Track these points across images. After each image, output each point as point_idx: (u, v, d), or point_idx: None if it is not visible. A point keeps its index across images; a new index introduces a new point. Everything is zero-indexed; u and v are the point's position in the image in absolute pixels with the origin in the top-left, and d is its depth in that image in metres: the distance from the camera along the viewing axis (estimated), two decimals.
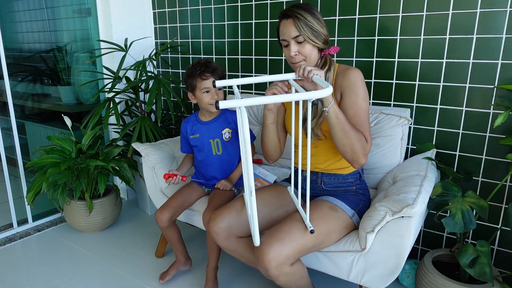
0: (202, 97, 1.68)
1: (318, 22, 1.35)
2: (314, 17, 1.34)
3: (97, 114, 2.24)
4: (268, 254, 1.25)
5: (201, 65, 1.66)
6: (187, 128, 1.81)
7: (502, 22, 1.57)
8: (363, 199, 1.50)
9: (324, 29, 1.37)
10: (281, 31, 1.39)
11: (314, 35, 1.34)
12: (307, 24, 1.32)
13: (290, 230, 1.30)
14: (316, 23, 1.34)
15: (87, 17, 2.65)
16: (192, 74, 1.66)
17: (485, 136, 1.69)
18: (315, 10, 1.37)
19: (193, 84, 1.67)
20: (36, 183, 2.07)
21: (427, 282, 1.54)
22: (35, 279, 1.89)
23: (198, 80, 1.66)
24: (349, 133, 1.29)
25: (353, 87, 1.36)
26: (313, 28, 1.33)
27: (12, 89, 2.21)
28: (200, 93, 1.67)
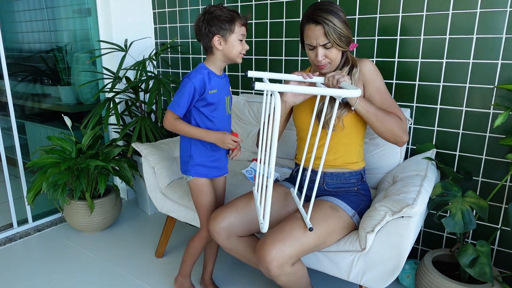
0: (236, 44, 1.45)
1: (344, 25, 1.35)
2: (340, 20, 1.33)
3: (97, 114, 2.24)
4: (270, 254, 1.25)
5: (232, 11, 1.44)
6: (206, 81, 1.46)
7: (502, 22, 1.57)
8: (364, 199, 1.50)
9: (349, 30, 1.37)
10: (306, 35, 1.37)
11: (341, 40, 1.35)
12: (335, 30, 1.32)
13: (292, 230, 1.30)
14: (343, 28, 1.34)
15: (87, 17, 2.65)
16: (229, 18, 1.42)
17: (485, 136, 1.69)
18: (340, 10, 1.36)
19: (231, 28, 1.42)
20: (36, 183, 2.07)
21: (427, 282, 1.54)
22: (35, 279, 1.89)
23: (238, 25, 1.43)
24: (383, 119, 1.36)
25: (372, 75, 1.42)
26: (341, 34, 1.33)
27: (12, 89, 2.21)
28: (235, 39, 1.44)
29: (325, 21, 1.31)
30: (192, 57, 2.60)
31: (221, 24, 1.41)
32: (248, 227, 1.47)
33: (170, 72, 2.75)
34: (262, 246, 1.28)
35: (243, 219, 1.46)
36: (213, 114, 1.50)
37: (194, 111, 1.49)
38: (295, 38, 2.12)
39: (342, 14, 1.35)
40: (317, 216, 1.35)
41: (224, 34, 1.42)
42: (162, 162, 1.93)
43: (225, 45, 1.44)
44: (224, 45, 1.44)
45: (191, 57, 2.60)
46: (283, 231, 1.31)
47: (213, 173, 1.58)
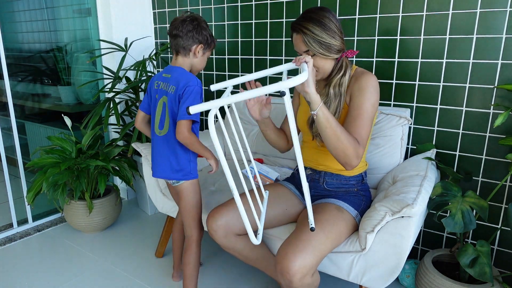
0: (205, 60, 1.56)
1: (328, 34, 1.30)
2: (324, 29, 1.29)
3: (97, 114, 2.24)
4: (294, 266, 1.21)
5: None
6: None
7: (502, 22, 1.57)
8: (364, 200, 1.50)
9: (336, 39, 1.32)
10: (293, 43, 1.37)
11: (324, 49, 1.31)
12: (315, 39, 1.29)
13: (310, 238, 1.27)
14: (326, 36, 1.30)
15: (87, 17, 2.65)
16: (212, 37, 1.53)
17: (485, 136, 1.69)
18: (327, 19, 1.31)
19: (211, 44, 1.53)
20: (36, 183, 2.07)
21: (427, 282, 1.54)
22: (35, 279, 1.89)
23: (212, 45, 1.54)
24: (341, 136, 1.24)
25: (362, 91, 1.34)
26: (322, 42, 1.30)
27: (12, 89, 2.21)
28: (207, 55, 1.55)
29: (303, 30, 1.30)
30: None
31: (207, 38, 1.50)
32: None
33: None
34: (284, 258, 1.23)
35: (241, 217, 1.46)
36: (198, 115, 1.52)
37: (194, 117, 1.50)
38: None
39: (330, 22, 1.30)
40: (326, 220, 1.34)
41: (205, 47, 1.51)
42: None
43: (201, 57, 1.52)
44: (200, 56, 1.51)
45: None
46: (301, 240, 1.26)
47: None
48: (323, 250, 1.27)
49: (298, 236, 1.29)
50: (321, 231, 1.29)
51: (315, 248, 1.25)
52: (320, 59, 1.33)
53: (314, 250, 1.25)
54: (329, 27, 1.30)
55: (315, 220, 1.33)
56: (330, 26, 1.31)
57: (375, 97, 1.35)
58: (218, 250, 2.14)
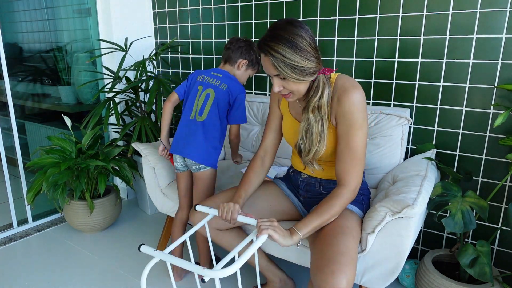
0: (246, 76, 1.77)
1: (301, 56, 1.14)
2: (296, 50, 1.13)
3: (97, 114, 2.24)
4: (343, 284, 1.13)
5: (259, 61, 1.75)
6: None
7: (502, 22, 1.57)
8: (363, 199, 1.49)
9: (310, 60, 1.16)
10: (261, 63, 1.24)
11: (298, 73, 1.16)
12: (286, 63, 1.14)
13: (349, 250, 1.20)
14: (299, 59, 1.14)
15: (87, 17, 2.65)
16: (255, 61, 1.75)
17: (485, 136, 1.69)
18: (298, 37, 1.14)
19: (254, 64, 1.75)
20: (36, 183, 2.07)
21: (427, 282, 1.54)
22: (35, 279, 1.89)
23: (257, 68, 1.77)
24: (329, 218, 1.26)
25: (346, 115, 1.23)
26: (295, 66, 1.15)
27: (12, 89, 2.21)
28: (249, 73, 1.77)
29: (272, 52, 1.14)
30: (192, 57, 2.60)
31: (253, 59, 1.74)
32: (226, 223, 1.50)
33: (170, 72, 2.75)
34: (331, 277, 1.13)
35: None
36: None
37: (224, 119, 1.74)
38: None
39: (301, 40, 1.14)
40: (349, 226, 1.30)
41: (249, 65, 1.74)
42: (162, 162, 1.93)
43: (244, 71, 1.74)
44: (243, 71, 1.74)
45: (191, 57, 2.60)
46: (342, 253, 1.18)
47: None
48: (356, 258, 1.23)
49: (338, 250, 1.19)
50: (352, 239, 1.25)
51: (354, 259, 1.20)
52: (293, 83, 1.20)
53: (354, 261, 1.19)
54: (302, 47, 1.14)
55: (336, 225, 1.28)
56: (303, 46, 1.14)
57: (361, 117, 1.24)
58: (219, 250, 2.13)
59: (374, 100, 1.94)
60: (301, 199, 1.55)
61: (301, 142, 1.33)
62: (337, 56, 1.99)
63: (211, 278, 1.51)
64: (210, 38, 2.47)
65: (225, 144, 2.28)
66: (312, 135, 1.29)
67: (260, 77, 2.31)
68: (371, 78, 1.92)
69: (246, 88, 2.39)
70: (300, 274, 1.90)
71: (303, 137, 1.31)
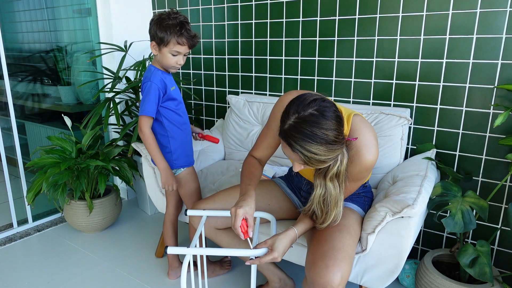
0: (168, 57, 1.51)
1: (331, 149, 1.05)
2: (327, 147, 1.04)
3: (97, 114, 2.24)
4: (337, 279, 1.14)
5: (181, 25, 1.47)
6: (164, 80, 1.56)
7: (502, 22, 1.57)
8: (366, 200, 1.49)
9: (339, 149, 1.07)
10: (284, 151, 1.12)
11: (326, 163, 1.09)
12: (316, 159, 1.06)
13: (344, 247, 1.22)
14: (329, 152, 1.05)
15: (87, 17, 2.65)
16: (167, 29, 1.46)
17: (485, 136, 1.69)
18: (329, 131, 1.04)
19: (164, 39, 1.47)
20: (36, 183, 2.07)
21: (427, 282, 1.54)
22: (35, 279, 1.89)
23: (173, 41, 1.47)
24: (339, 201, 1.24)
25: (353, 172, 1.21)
26: (325, 161, 1.07)
27: (12, 89, 2.21)
28: (167, 52, 1.50)
29: (303, 152, 1.05)
30: (192, 57, 2.60)
31: (158, 33, 1.48)
32: (226, 220, 1.50)
33: None
34: (325, 271, 1.15)
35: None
36: (179, 107, 1.64)
37: (163, 110, 1.60)
38: (295, 38, 2.12)
39: (332, 132, 1.04)
40: (348, 224, 1.30)
41: (159, 43, 1.49)
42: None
43: (159, 53, 1.52)
44: (158, 53, 1.53)
45: (191, 57, 2.60)
46: (338, 249, 1.20)
47: (192, 161, 1.75)
48: (352, 257, 1.24)
49: (333, 245, 1.21)
50: (349, 236, 1.26)
51: (350, 255, 1.21)
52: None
53: (349, 258, 1.20)
54: (333, 141, 1.05)
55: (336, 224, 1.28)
56: (334, 138, 1.05)
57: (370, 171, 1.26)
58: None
59: (374, 100, 1.94)
60: (302, 199, 1.55)
61: (318, 208, 1.24)
62: (337, 56, 1.99)
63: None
64: (210, 38, 2.47)
65: (225, 144, 2.28)
66: (331, 202, 1.21)
67: (260, 77, 2.31)
68: (371, 78, 1.92)
69: (246, 88, 2.39)
70: (299, 274, 1.90)
71: (320, 203, 1.23)
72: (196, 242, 1.21)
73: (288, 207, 1.56)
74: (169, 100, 1.60)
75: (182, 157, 1.68)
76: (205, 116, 2.64)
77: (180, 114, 1.65)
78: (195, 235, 1.23)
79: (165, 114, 1.61)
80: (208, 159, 2.18)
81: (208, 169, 2.09)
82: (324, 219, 1.24)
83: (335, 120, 1.05)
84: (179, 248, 1.16)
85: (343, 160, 1.14)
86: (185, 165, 1.70)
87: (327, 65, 2.04)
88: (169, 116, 1.62)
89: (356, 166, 1.19)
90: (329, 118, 1.04)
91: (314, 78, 2.10)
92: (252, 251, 1.14)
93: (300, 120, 1.04)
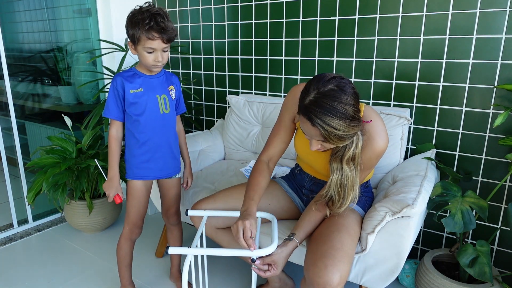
0: (144, 56, 1.37)
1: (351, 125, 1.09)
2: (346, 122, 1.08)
3: (97, 114, 2.24)
4: (336, 278, 1.14)
5: (151, 18, 1.31)
6: (124, 81, 1.43)
7: (502, 22, 1.57)
8: (367, 200, 1.49)
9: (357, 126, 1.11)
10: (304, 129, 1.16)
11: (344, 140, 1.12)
12: (336, 135, 1.09)
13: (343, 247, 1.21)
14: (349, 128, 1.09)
15: (87, 17, 2.65)
16: (136, 25, 1.32)
17: (485, 136, 1.69)
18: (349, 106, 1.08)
19: (135, 36, 1.34)
20: (36, 183, 2.07)
21: (427, 282, 1.54)
22: (35, 279, 1.90)
23: (143, 38, 1.33)
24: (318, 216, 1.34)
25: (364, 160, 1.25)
26: (344, 136, 1.10)
27: (12, 89, 2.21)
28: (142, 50, 1.36)
29: (323, 126, 1.08)
30: (192, 57, 2.60)
31: (130, 30, 1.36)
32: (227, 220, 1.50)
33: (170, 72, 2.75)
34: (323, 271, 1.15)
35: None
36: (140, 114, 1.45)
37: (126, 115, 1.48)
38: (295, 38, 2.12)
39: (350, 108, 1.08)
40: (348, 224, 1.30)
41: (133, 41, 1.36)
42: None
43: (136, 52, 1.39)
44: (136, 52, 1.39)
45: (191, 57, 2.60)
46: (337, 249, 1.20)
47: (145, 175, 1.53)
48: (352, 257, 1.24)
49: (332, 245, 1.21)
50: (348, 236, 1.26)
51: (349, 255, 1.21)
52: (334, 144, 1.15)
53: (349, 258, 1.20)
54: (353, 116, 1.09)
55: (332, 223, 1.29)
56: (353, 114, 1.09)
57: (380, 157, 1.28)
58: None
59: (374, 100, 1.95)
60: (304, 198, 1.55)
61: (335, 192, 1.26)
62: (337, 56, 2.00)
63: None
64: (210, 38, 2.47)
65: (225, 144, 2.28)
66: (347, 185, 1.23)
67: (260, 77, 2.31)
68: (371, 78, 1.92)
69: (246, 88, 2.39)
70: (299, 274, 1.90)
71: (338, 187, 1.25)
72: (197, 242, 1.21)
73: (289, 206, 1.57)
74: (128, 103, 1.45)
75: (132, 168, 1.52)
76: (205, 116, 2.64)
77: (139, 121, 1.46)
78: (196, 235, 1.23)
79: (126, 120, 1.49)
80: (208, 159, 2.18)
81: (208, 169, 2.09)
82: (341, 204, 1.26)
83: (353, 96, 1.10)
84: (180, 248, 1.16)
85: (358, 143, 1.19)
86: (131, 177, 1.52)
87: (327, 65, 2.04)
88: (129, 123, 1.48)
89: (367, 152, 1.22)
90: (348, 94, 1.09)
91: None
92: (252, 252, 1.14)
93: (320, 95, 1.08)
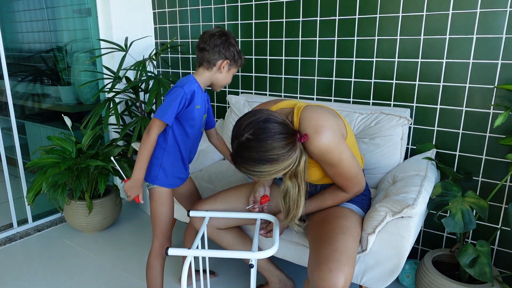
0: (230, 77, 1.50)
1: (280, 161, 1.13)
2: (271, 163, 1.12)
3: (97, 114, 2.24)
4: (341, 282, 1.13)
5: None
6: (195, 96, 1.44)
7: (502, 22, 1.57)
8: (364, 199, 1.49)
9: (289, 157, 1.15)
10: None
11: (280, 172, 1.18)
12: (266, 173, 1.15)
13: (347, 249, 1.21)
14: (278, 165, 1.14)
15: (87, 17, 2.65)
16: (239, 54, 1.48)
17: (485, 136, 1.69)
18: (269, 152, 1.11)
19: (238, 61, 1.48)
20: (36, 183, 2.07)
21: (427, 282, 1.54)
22: (35, 279, 1.89)
23: (240, 62, 1.49)
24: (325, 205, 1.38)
25: (321, 157, 1.24)
26: (276, 172, 1.16)
27: (12, 89, 2.21)
28: (234, 71, 1.50)
29: (250, 173, 1.15)
30: (192, 57, 2.60)
31: (235, 54, 1.46)
32: (227, 220, 1.50)
33: (170, 72, 2.75)
34: (328, 275, 1.14)
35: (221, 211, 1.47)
36: (191, 129, 1.48)
37: (176, 123, 1.45)
38: (295, 38, 2.12)
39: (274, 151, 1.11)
40: (350, 225, 1.30)
41: (232, 64, 1.46)
42: None
43: (226, 72, 1.46)
44: (225, 72, 1.46)
45: (191, 57, 2.60)
46: (341, 252, 1.19)
47: (177, 184, 1.55)
48: (355, 258, 1.24)
49: (336, 248, 1.20)
50: (352, 239, 1.25)
51: (353, 258, 1.21)
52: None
53: (352, 260, 1.20)
54: (278, 155, 1.12)
55: (336, 225, 1.29)
56: (281, 149, 1.12)
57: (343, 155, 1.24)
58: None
59: (374, 100, 1.95)
60: None
61: (281, 204, 1.34)
62: (337, 56, 1.99)
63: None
64: None
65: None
66: (290, 200, 1.30)
67: (260, 77, 2.31)
68: (371, 78, 1.92)
69: (246, 88, 2.39)
70: (299, 274, 1.90)
71: (282, 200, 1.33)
72: (198, 244, 1.21)
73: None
74: (188, 117, 1.45)
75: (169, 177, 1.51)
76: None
77: (188, 136, 1.48)
78: (197, 237, 1.23)
79: (175, 128, 1.47)
80: (208, 159, 2.18)
81: (208, 169, 2.09)
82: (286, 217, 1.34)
83: (272, 139, 1.10)
84: (181, 249, 1.15)
85: (301, 160, 1.21)
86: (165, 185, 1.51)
87: (327, 65, 2.04)
88: (177, 132, 1.47)
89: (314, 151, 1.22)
90: (265, 139, 1.10)
91: (314, 78, 2.10)
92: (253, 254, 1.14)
93: (239, 146, 1.13)
